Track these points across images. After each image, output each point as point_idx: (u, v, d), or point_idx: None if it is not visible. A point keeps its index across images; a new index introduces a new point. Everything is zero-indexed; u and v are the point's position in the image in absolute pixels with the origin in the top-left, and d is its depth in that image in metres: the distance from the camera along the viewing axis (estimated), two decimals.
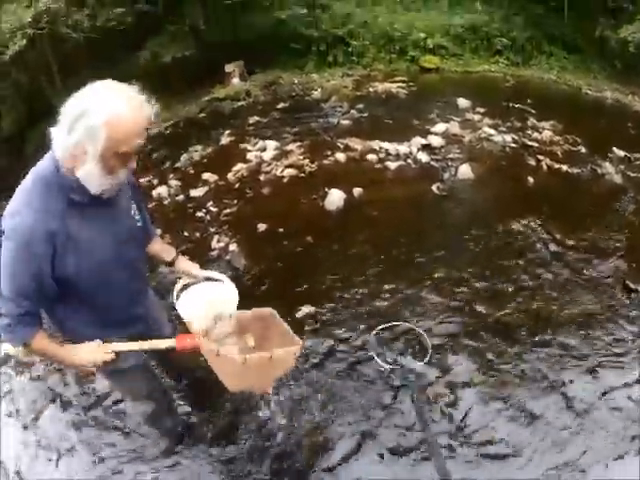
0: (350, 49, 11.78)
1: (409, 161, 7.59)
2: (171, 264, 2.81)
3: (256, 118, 9.44)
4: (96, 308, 2.37)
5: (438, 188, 6.96)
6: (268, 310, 2.72)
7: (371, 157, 7.59)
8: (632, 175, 8.29)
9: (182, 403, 3.74)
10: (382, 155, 7.67)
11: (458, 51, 12.32)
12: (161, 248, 2.86)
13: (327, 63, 11.64)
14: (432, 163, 7.59)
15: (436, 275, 5.29)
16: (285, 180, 7.20)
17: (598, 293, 5.40)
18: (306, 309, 4.73)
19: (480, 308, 4.90)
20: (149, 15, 10.81)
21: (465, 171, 7.34)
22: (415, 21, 12.51)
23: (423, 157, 7.65)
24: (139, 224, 2.47)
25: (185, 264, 2.81)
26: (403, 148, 7.81)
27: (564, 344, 4.60)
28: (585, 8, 12.93)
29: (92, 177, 1.98)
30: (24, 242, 1.98)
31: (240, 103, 10.39)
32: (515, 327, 4.72)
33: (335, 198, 6.54)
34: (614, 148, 8.82)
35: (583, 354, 4.51)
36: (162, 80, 10.08)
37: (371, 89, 10.57)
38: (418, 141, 8.00)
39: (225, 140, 8.84)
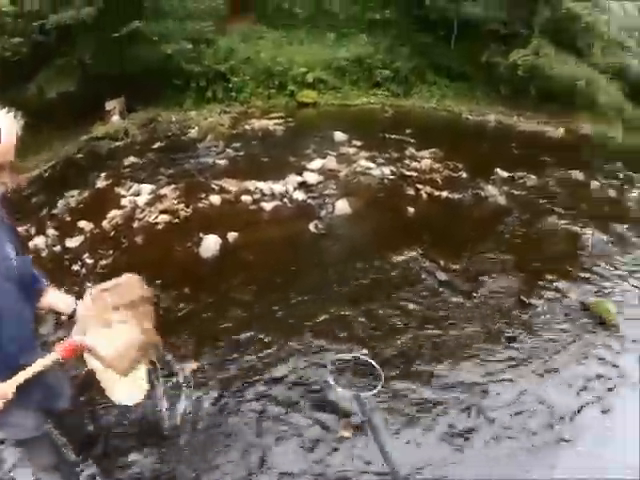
0: (230, 85, 11.65)
1: (285, 200, 7.51)
2: (71, 316, 2.66)
3: (132, 159, 9.06)
4: None
5: (316, 226, 6.87)
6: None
7: (246, 198, 7.45)
8: (516, 194, 8.57)
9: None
10: (257, 196, 7.55)
11: (338, 84, 12.42)
12: (55, 299, 2.69)
13: (206, 99, 11.44)
14: (309, 201, 7.53)
15: (321, 318, 5.19)
16: (160, 227, 6.89)
17: (492, 312, 5.53)
18: (190, 365, 4.53)
19: (373, 344, 4.85)
20: (44, 45, 10.19)
21: (342, 207, 7.30)
22: (298, 55, 12.52)
23: (299, 195, 7.58)
24: (14, 263, 2.35)
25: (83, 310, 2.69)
26: (279, 187, 7.72)
27: (465, 365, 4.70)
28: (476, 36, 13.40)
29: None
30: None
31: (117, 143, 9.95)
32: (412, 359, 4.71)
33: (210, 244, 6.32)
34: (497, 170, 9.09)
35: (486, 372, 4.65)
36: (46, 116, 9.49)
37: (248, 126, 10.47)
38: (294, 179, 7.92)
39: (101, 183, 8.37)
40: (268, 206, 7.31)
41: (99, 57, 10.33)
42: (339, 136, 9.71)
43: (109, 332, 2.55)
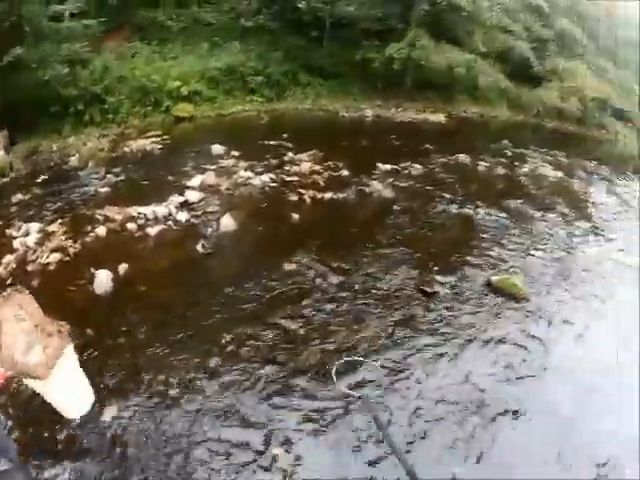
0: (106, 106, 11.48)
1: (169, 223, 7.46)
2: None
3: (19, 196, 8.71)
4: None
5: (203, 246, 6.88)
6: None
7: (131, 226, 7.34)
8: (402, 185, 8.87)
9: None
10: (141, 221, 7.45)
11: (213, 94, 12.52)
12: None
13: (84, 123, 11.21)
14: (192, 220, 7.53)
15: (225, 340, 5.21)
16: (52, 267, 6.68)
17: (395, 308, 5.76)
18: (112, 409, 4.41)
19: (281, 358, 4.99)
20: None
21: (227, 222, 7.38)
22: (172, 70, 12.47)
23: (183, 216, 7.58)
24: None
25: None
26: (161, 209, 7.66)
27: (382, 361, 4.94)
28: (350, 34, 13.86)
29: None
30: None
31: (4, 179, 9.55)
32: (322, 365, 4.84)
33: (102, 280, 6.16)
34: (379, 164, 9.40)
35: (404, 367, 4.93)
36: None
37: (126, 148, 10.28)
38: (176, 199, 7.90)
39: None
40: (153, 231, 7.23)
41: None
42: (217, 149, 9.77)
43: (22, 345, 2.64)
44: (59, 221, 7.75)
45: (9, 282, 6.46)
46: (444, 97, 15.04)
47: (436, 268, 6.69)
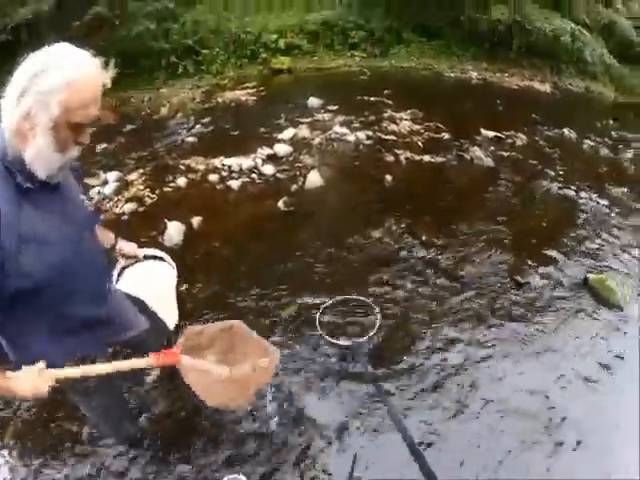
0: (200, 58, 10.79)
1: (253, 176, 6.79)
2: (112, 249, 2.63)
3: (103, 145, 8.22)
4: (55, 314, 1.99)
5: (285, 203, 6.15)
6: (232, 323, 2.58)
7: (213, 177, 6.71)
8: (505, 155, 7.85)
9: None
10: (225, 173, 6.81)
11: (312, 49, 11.58)
12: (101, 234, 2.50)
13: (177, 76, 10.55)
14: (278, 175, 6.82)
15: (290, 310, 4.57)
16: (125, 217, 6.14)
17: (482, 296, 4.89)
18: None
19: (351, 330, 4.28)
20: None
21: (314, 179, 6.58)
22: (268, 22, 11.64)
23: (269, 169, 6.88)
24: (90, 209, 2.22)
25: (124, 245, 2.67)
26: (247, 162, 6.97)
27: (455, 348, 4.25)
28: None
29: (41, 155, 1.65)
30: None
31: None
32: (394, 348, 4.20)
33: (174, 232, 5.60)
34: (482, 129, 8.39)
35: (477, 365, 4.15)
36: None
37: (220, 99, 9.63)
38: (264, 152, 7.20)
39: None
40: (235, 184, 6.60)
41: None
42: (313, 102, 8.95)
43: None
44: (140, 170, 7.20)
45: None
46: (550, 66, 13.52)
47: (532, 255, 5.65)
